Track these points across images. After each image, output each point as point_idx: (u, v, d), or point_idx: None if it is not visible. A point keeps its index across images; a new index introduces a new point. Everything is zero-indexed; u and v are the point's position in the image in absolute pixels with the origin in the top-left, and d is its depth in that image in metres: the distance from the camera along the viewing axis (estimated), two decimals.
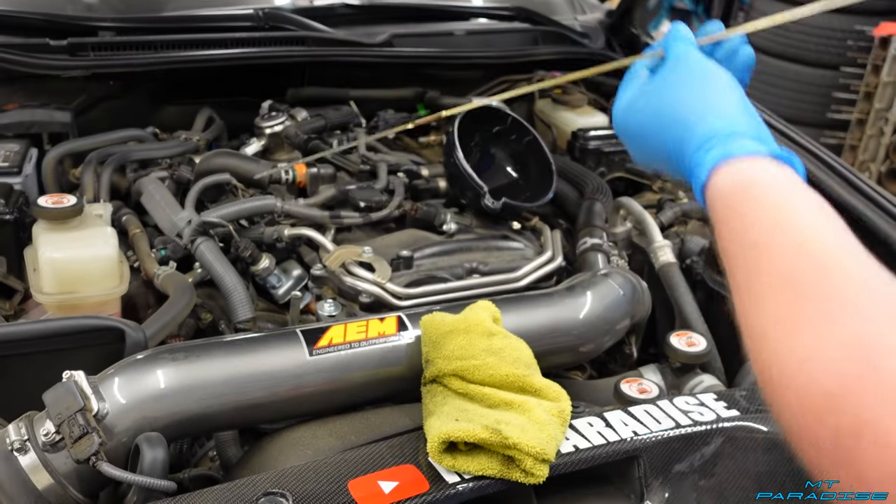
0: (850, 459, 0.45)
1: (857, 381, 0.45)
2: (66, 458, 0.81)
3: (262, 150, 1.67)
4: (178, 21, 1.78)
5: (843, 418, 0.45)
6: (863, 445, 0.44)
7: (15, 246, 1.29)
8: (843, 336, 0.47)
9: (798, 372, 0.48)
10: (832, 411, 0.46)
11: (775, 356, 0.50)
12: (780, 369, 0.49)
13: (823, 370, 0.47)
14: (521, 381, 0.93)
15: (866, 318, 0.47)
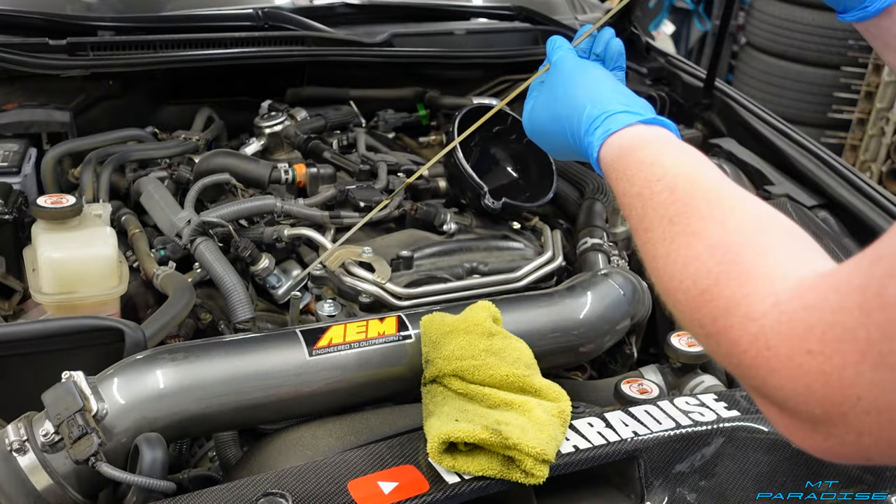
0: (727, 338, 0.54)
1: (724, 273, 0.56)
2: (65, 458, 0.81)
3: (261, 149, 1.66)
4: (178, 21, 1.78)
5: (717, 303, 0.55)
6: (733, 322, 0.54)
7: (14, 246, 1.29)
8: (711, 244, 0.59)
9: (682, 276, 0.59)
10: (709, 300, 0.56)
11: (664, 269, 0.62)
12: (670, 277, 0.61)
13: (697, 270, 0.58)
14: (521, 381, 0.92)
15: (729, 230, 0.59)
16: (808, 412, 0.50)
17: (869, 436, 0.48)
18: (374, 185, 1.50)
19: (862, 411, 0.47)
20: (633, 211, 0.68)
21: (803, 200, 1.62)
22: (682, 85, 2.06)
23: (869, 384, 0.46)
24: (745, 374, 0.54)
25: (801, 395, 0.50)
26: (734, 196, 0.63)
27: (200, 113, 1.76)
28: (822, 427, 0.51)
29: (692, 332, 0.59)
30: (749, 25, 4.67)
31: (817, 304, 0.49)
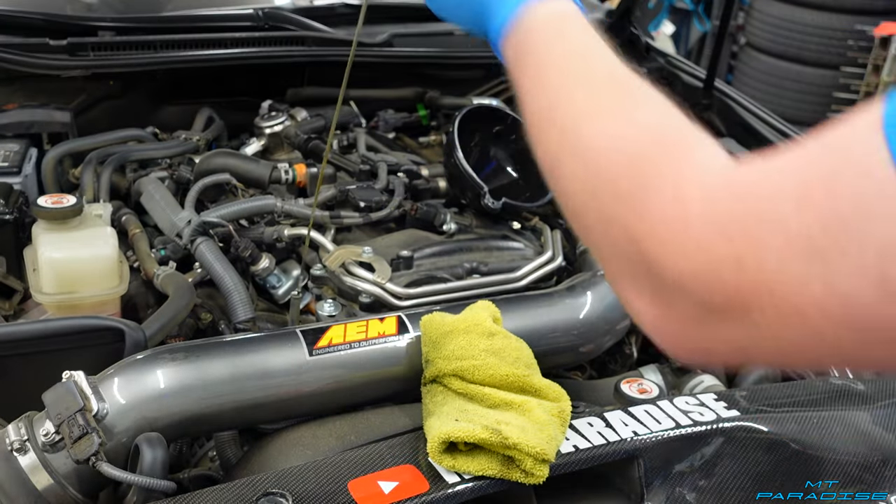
0: (643, 212, 0.50)
1: (660, 151, 0.53)
2: (65, 458, 0.81)
3: (261, 150, 1.67)
4: (178, 21, 1.78)
5: (645, 178, 0.52)
6: (658, 199, 0.50)
7: (14, 246, 1.29)
8: (645, 122, 0.56)
9: (610, 146, 0.55)
10: (637, 173, 0.52)
11: (588, 137, 0.57)
12: (593, 146, 0.56)
13: (630, 144, 0.54)
14: (521, 381, 0.93)
15: (662, 114, 0.56)
16: (705, 301, 0.47)
17: (764, 331, 0.46)
18: (374, 185, 1.50)
19: (768, 304, 0.45)
20: (544, 91, 0.62)
21: None
22: (682, 85, 2.06)
23: (789, 278, 0.43)
24: (646, 252, 0.50)
25: (706, 282, 0.47)
26: (647, 86, 0.59)
27: (201, 113, 1.76)
28: (711, 318, 0.48)
29: (590, 200, 0.55)
30: (749, 26, 4.67)
31: (748, 192, 0.47)
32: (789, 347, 0.46)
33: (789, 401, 1.02)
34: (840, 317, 0.42)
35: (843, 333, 0.43)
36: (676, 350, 0.52)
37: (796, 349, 0.46)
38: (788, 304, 0.44)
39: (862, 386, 1.06)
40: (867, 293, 0.41)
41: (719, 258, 0.46)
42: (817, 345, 0.45)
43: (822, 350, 0.45)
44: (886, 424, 0.98)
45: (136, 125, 1.67)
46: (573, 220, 0.59)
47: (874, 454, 0.93)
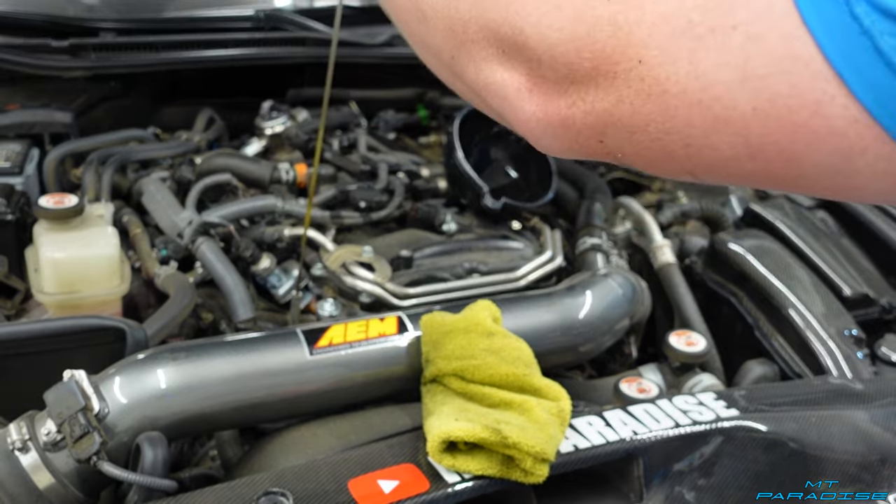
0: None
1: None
2: (67, 457, 0.81)
3: (262, 150, 1.67)
4: (179, 22, 1.78)
5: None
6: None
7: (16, 246, 1.29)
8: None
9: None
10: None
11: None
12: None
13: None
14: (520, 380, 0.93)
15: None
16: (572, 65, 0.46)
17: (626, 105, 0.45)
18: (374, 185, 1.51)
19: (635, 75, 0.44)
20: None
21: (801, 200, 1.62)
22: None
23: (659, 49, 0.43)
24: (518, 8, 0.49)
25: (577, 43, 0.46)
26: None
27: (202, 114, 1.77)
28: (576, 87, 0.47)
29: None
30: None
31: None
32: (645, 125, 0.45)
33: (788, 400, 1.02)
34: (696, 96, 0.42)
35: (694, 115, 0.43)
36: (543, 127, 0.51)
37: (650, 127, 0.45)
38: (653, 77, 0.44)
39: (860, 386, 1.06)
40: (726, 77, 0.41)
41: (595, 18, 0.45)
42: (669, 124, 0.44)
43: (672, 130, 0.44)
44: (885, 424, 0.98)
45: (138, 126, 1.67)
46: (438, 28, 0.57)
47: (873, 454, 0.94)
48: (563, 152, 0.53)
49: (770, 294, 1.25)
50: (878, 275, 1.37)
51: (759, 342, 1.25)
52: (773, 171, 0.44)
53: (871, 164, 0.40)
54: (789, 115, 0.40)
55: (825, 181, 0.43)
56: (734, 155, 0.43)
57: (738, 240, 1.37)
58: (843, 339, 1.19)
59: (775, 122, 0.41)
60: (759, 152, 0.43)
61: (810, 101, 0.40)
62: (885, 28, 0.37)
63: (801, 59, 0.39)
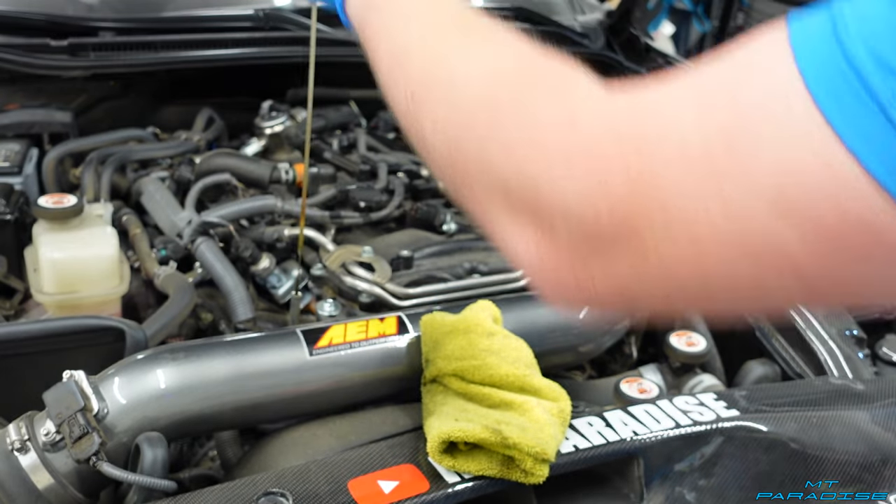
0: (527, 123, 0.47)
1: (535, 83, 0.49)
2: (66, 457, 0.81)
3: (262, 150, 1.67)
4: (179, 21, 1.78)
5: (528, 108, 0.48)
6: (537, 110, 0.46)
7: (15, 246, 1.29)
8: (515, 55, 0.52)
9: (483, 83, 0.51)
10: (517, 95, 0.49)
11: (459, 78, 0.53)
12: (463, 84, 0.52)
13: (503, 78, 0.50)
14: (521, 380, 0.93)
15: (526, 50, 0.52)
16: (589, 222, 0.42)
17: (652, 261, 0.41)
18: (374, 185, 1.51)
19: (659, 224, 0.40)
20: (401, 29, 0.60)
21: None
22: None
23: (683, 193, 0.39)
24: (527, 171, 0.45)
25: (592, 197, 0.42)
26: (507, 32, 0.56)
27: (201, 113, 1.77)
28: (595, 246, 0.43)
29: (463, 133, 0.50)
30: (748, 26, 4.67)
31: (644, 100, 0.43)
32: (677, 280, 0.41)
33: (789, 400, 1.02)
34: (732, 238, 0.38)
35: (732, 255, 0.39)
36: (557, 291, 0.47)
37: (685, 282, 0.41)
38: (680, 224, 0.40)
39: (861, 386, 1.06)
40: (762, 209, 0.37)
41: (608, 168, 0.41)
42: (705, 271, 0.40)
43: (710, 279, 0.40)
44: (886, 424, 0.98)
45: (137, 125, 1.67)
46: (441, 166, 0.53)
47: (874, 454, 0.93)
48: (574, 309, 0.50)
49: None
50: None
51: (759, 342, 1.25)
52: (826, 295, 0.41)
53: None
54: (836, 238, 0.36)
55: (882, 293, 0.41)
56: (783, 286, 0.39)
57: None
58: (843, 339, 1.18)
59: (824, 249, 0.37)
60: (814, 282, 0.39)
61: (856, 220, 0.36)
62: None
63: (839, 177, 0.35)
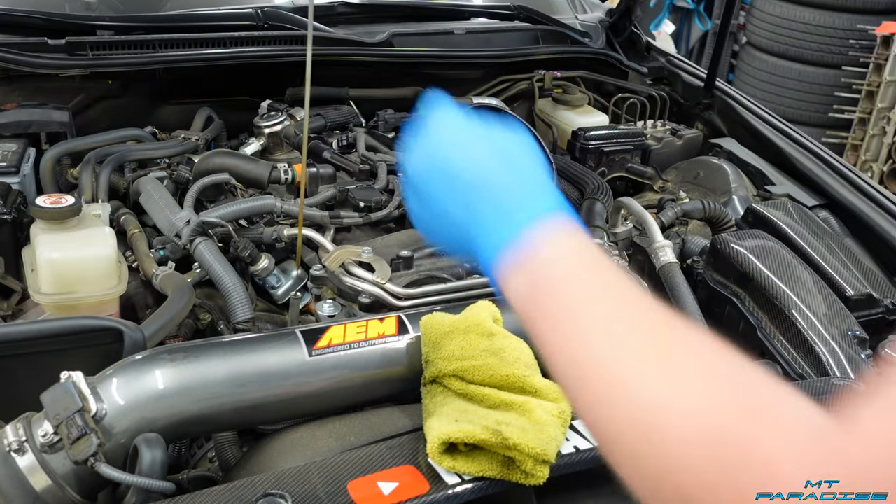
0: (736, 495, 0.48)
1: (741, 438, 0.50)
2: (64, 459, 0.81)
3: (261, 149, 1.66)
4: (177, 20, 1.77)
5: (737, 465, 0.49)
6: (744, 481, 0.48)
7: (13, 246, 1.29)
8: (715, 391, 0.54)
9: (677, 429, 0.52)
10: (721, 459, 0.50)
11: (643, 414, 0.55)
12: (652, 424, 0.54)
13: (704, 426, 0.51)
14: (521, 381, 0.92)
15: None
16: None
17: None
18: (373, 185, 1.50)
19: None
20: (582, 331, 0.57)
21: (804, 200, 1.61)
22: (683, 84, 2.06)
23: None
24: None
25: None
26: (705, 336, 0.57)
27: (200, 113, 1.76)
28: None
29: (663, 479, 0.53)
30: (750, 25, 4.67)
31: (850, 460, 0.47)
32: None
33: None
34: None
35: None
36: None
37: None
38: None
39: (863, 386, 1.05)
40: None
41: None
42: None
43: None
44: None
45: (135, 125, 1.66)
46: (630, 479, 0.56)
47: None
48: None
49: (772, 294, 1.24)
50: (881, 275, 1.37)
51: (761, 343, 1.25)
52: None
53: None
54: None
55: None
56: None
57: (740, 240, 1.36)
58: (846, 339, 1.18)
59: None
60: None
61: None
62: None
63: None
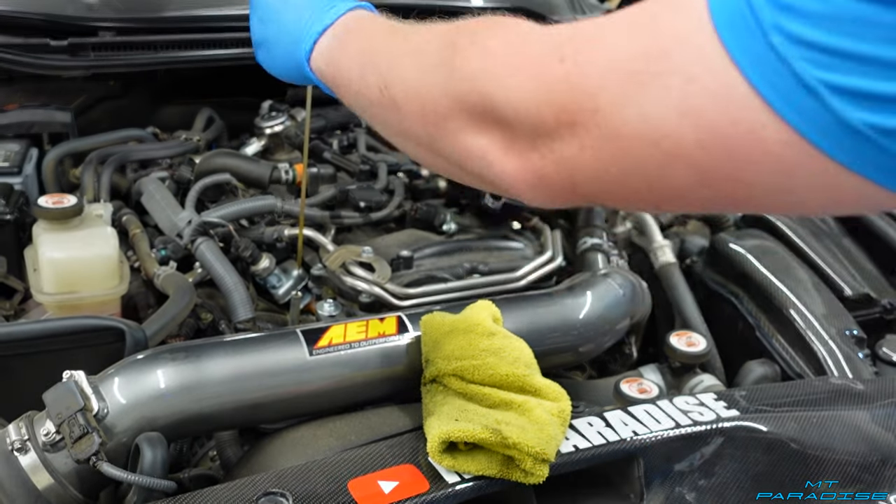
0: (480, 50, 0.59)
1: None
2: (66, 457, 0.81)
3: (262, 150, 1.67)
4: (179, 21, 1.77)
5: (465, 34, 0.62)
6: (491, 40, 0.59)
7: (15, 246, 1.29)
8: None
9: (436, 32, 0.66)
10: (473, 31, 0.62)
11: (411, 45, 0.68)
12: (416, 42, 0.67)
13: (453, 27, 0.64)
14: (521, 380, 0.93)
15: None
16: (537, 122, 0.53)
17: (588, 151, 0.51)
18: (374, 185, 1.51)
19: (593, 124, 0.50)
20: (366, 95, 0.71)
21: None
22: None
23: (611, 98, 0.48)
24: (487, 89, 0.56)
25: (538, 102, 0.52)
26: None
27: (201, 113, 1.76)
28: (543, 141, 0.53)
29: (430, 71, 0.62)
30: None
31: (582, 25, 0.53)
32: (606, 168, 0.51)
33: (789, 400, 1.02)
34: (647, 136, 0.47)
35: (647, 153, 0.48)
36: (522, 183, 0.57)
37: (612, 169, 0.51)
38: (607, 123, 0.49)
39: (861, 386, 1.06)
40: (670, 116, 0.46)
41: (552, 78, 0.52)
42: (627, 164, 0.50)
43: (631, 170, 0.50)
44: (886, 424, 0.98)
45: (137, 125, 1.67)
46: (416, 127, 0.65)
47: (874, 454, 0.94)
48: (546, 203, 0.59)
49: (771, 294, 1.25)
50: (879, 275, 1.37)
51: (759, 342, 1.25)
52: (726, 194, 0.48)
53: (807, 180, 0.44)
54: (730, 143, 0.45)
55: (773, 199, 0.47)
56: (689, 185, 0.48)
57: (738, 240, 1.37)
58: (843, 339, 1.18)
59: (719, 152, 0.45)
60: (711, 180, 0.47)
61: (746, 129, 0.44)
62: (798, 54, 0.41)
63: (732, 92, 0.43)
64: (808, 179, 0.44)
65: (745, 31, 0.42)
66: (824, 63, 0.40)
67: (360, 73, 0.72)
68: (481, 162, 0.59)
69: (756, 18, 0.42)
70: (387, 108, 0.68)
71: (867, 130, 0.40)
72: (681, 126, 0.46)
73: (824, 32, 0.40)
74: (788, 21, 0.41)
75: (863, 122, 0.40)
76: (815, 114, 0.41)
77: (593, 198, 0.55)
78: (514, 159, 0.56)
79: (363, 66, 0.72)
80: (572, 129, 0.51)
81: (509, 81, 0.54)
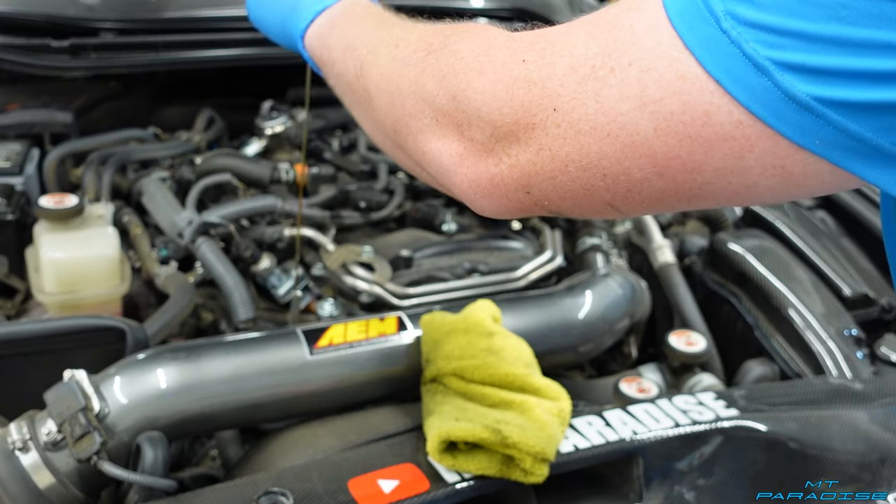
0: (446, 57, 0.59)
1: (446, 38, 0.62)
2: (67, 457, 0.81)
3: (262, 150, 1.67)
4: (180, 22, 1.78)
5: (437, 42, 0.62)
6: (460, 44, 0.59)
7: (16, 246, 1.29)
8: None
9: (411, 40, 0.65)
10: (443, 40, 0.62)
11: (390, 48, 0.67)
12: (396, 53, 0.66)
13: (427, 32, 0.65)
14: (521, 380, 0.93)
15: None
16: (496, 123, 0.54)
17: (546, 153, 0.52)
18: (374, 185, 1.51)
19: (552, 123, 0.51)
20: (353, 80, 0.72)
21: (801, 201, 1.62)
22: None
23: (570, 96, 0.50)
24: (452, 81, 0.57)
25: (499, 102, 0.53)
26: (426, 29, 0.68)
27: (202, 114, 1.77)
28: (500, 145, 0.54)
29: (403, 70, 0.63)
30: None
31: (544, 31, 0.54)
32: (564, 166, 0.52)
33: (788, 400, 1.02)
34: (605, 130, 0.48)
35: (605, 147, 0.49)
36: (476, 187, 0.58)
37: (570, 167, 0.52)
38: (567, 121, 0.50)
39: (860, 385, 1.06)
40: (628, 107, 0.47)
41: (513, 80, 0.53)
42: (585, 160, 0.51)
43: (589, 166, 0.51)
44: (884, 423, 0.98)
45: (138, 126, 1.67)
46: (382, 112, 0.66)
47: (872, 453, 0.94)
48: (496, 211, 0.59)
49: (770, 294, 1.25)
50: (877, 275, 1.38)
51: (758, 342, 1.25)
52: (680, 183, 0.49)
53: (760, 159, 0.45)
54: (685, 129, 0.46)
55: (725, 185, 0.48)
56: (645, 176, 0.49)
57: (737, 240, 1.37)
58: (842, 338, 1.19)
59: (674, 139, 0.46)
60: (666, 169, 0.48)
61: (700, 113, 0.45)
62: (748, 36, 0.43)
63: (687, 79, 0.45)
64: (759, 159, 0.45)
65: (698, 21, 0.44)
66: (773, 43, 0.42)
67: (342, 55, 0.74)
68: (438, 167, 0.60)
69: (709, 8, 0.44)
70: (360, 95, 0.70)
71: (813, 103, 0.42)
72: (639, 116, 0.47)
73: (773, 14, 0.42)
74: (740, 7, 0.43)
75: (809, 96, 0.42)
76: (765, 92, 0.43)
77: (546, 202, 0.56)
78: (470, 166, 0.57)
79: (346, 49, 0.74)
80: (531, 132, 0.52)
81: (475, 83, 0.55)
